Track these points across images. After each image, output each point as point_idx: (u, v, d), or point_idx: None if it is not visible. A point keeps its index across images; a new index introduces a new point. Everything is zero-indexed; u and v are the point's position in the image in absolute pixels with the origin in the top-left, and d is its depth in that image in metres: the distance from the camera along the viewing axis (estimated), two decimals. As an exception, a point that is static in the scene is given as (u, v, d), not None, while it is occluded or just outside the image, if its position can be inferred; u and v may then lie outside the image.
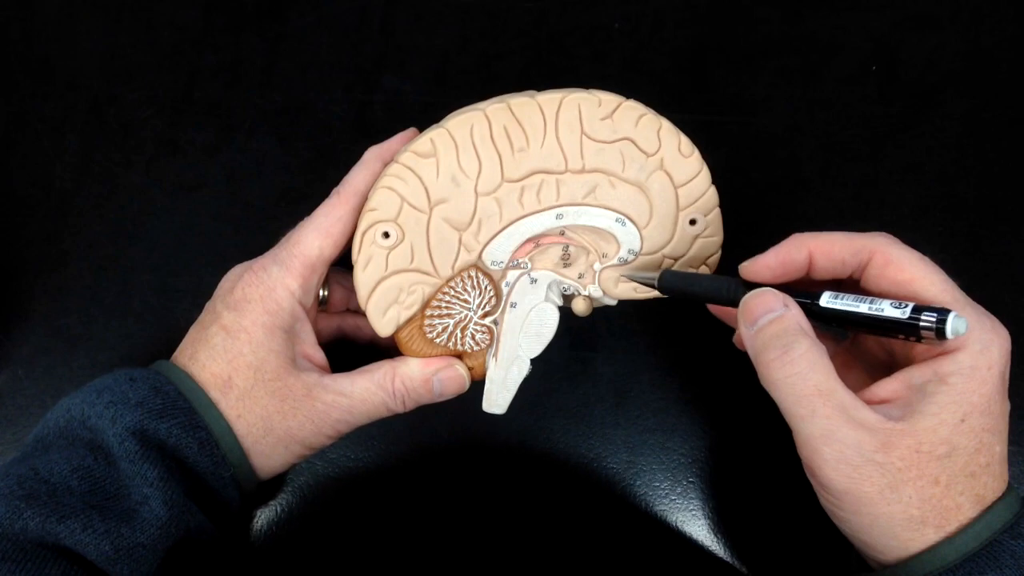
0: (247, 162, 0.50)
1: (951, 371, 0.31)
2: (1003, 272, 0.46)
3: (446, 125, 0.38)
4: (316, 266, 0.38)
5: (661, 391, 0.45)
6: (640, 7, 0.51)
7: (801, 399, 0.31)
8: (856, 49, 0.50)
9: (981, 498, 0.31)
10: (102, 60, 0.52)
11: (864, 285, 0.34)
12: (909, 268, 0.32)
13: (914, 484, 0.30)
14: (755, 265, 0.35)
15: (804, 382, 0.31)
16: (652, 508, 0.44)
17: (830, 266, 0.34)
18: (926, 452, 0.30)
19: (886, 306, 0.31)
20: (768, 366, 0.32)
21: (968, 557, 0.30)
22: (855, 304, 0.32)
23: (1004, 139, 0.48)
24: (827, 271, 0.34)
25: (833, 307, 0.33)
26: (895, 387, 0.32)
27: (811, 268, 0.35)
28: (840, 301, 0.33)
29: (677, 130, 0.38)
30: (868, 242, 0.33)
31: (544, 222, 0.38)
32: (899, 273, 0.32)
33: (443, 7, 0.52)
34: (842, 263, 0.34)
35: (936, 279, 0.32)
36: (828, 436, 0.30)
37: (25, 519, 0.32)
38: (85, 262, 0.48)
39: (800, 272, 0.35)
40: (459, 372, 0.39)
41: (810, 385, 0.31)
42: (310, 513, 0.44)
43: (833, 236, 0.34)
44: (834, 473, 0.30)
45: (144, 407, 0.35)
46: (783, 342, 0.31)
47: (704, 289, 0.37)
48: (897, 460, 0.30)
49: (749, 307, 0.33)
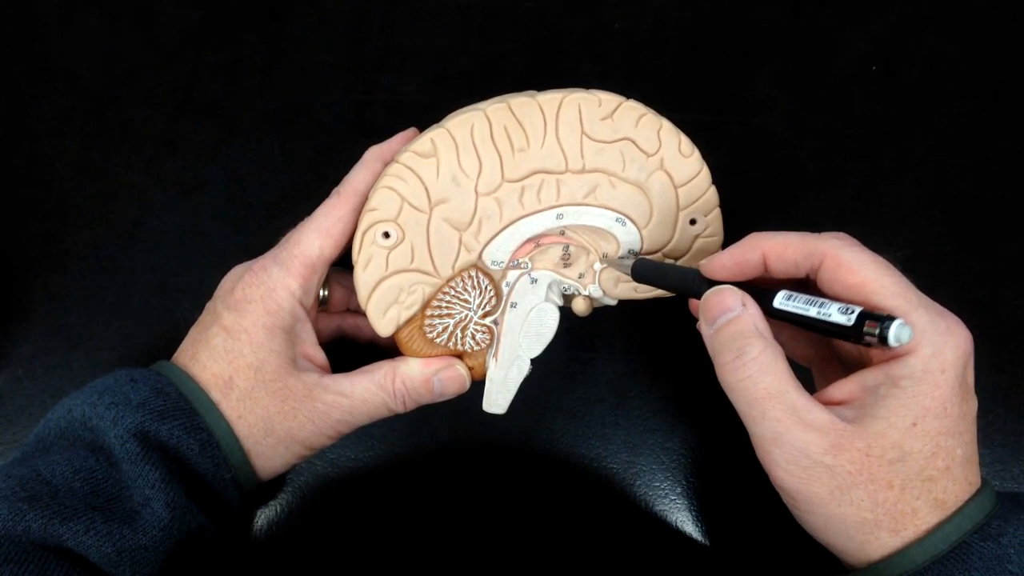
0: (247, 162, 0.50)
1: (902, 374, 0.30)
2: (1003, 272, 0.46)
3: (446, 125, 0.38)
4: (316, 266, 0.38)
5: (661, 391, 0.45)
6: (640, 7, 0.51)
7: (752, 402, 0.31)
8: (856, 49, 0.50)
9: (941, 502, 0.31)
10: (102, 60, 0.52)
11: (819, 287, 0.33)
12: (860, 271, 0.31)
13: (865, 487, 0.30)
14: (712, 264, 0.35)
15: (755, 385, 0.31)
16: (652, 508, 0.44)
17: (783, 267, 0.34)
18: (876, 456, 0.30)
19: (833, 311, 0.31)
20: (723, 369, 0.32)
21: (936, 559, 0.30)
22: (805, 307, 0.32)
23: (1004, 139, 0.48)
24: (781, 272, 0.34)
25: (784, 308, 0.32)
26: (851, 388, 0.32)
27: (766, 269, 0.34)
28: (792, 302, 0.32)
29: (677, 130, 0.38)
30: (820, 244, 0.32)
31: (544, 222, 0.38)
32: (850, 276, 0.32)
33: (443, 7, 0.52)
34: (795, 265, 0.33)
35: (887, 282, 0.31)
36: (778, 438, 0.31)
37: (27, 521, 0.32)
38: (85, 262, 0.48)
39: (756, 272, 0.34)
40: (459, 372, 0.39)
41: (761, 388, 0.31)
42: (310, 513, 0.44)
43: (788, 237, 0.33)
44: (784, 474, 0.31)
45: (145, 408, 0.35)
46: (737, 345, 0.32)
47: (670, 280, 0.37)
48: (847, 463, 0.30)
49: (708, 305, 0.33)
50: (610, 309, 0.41)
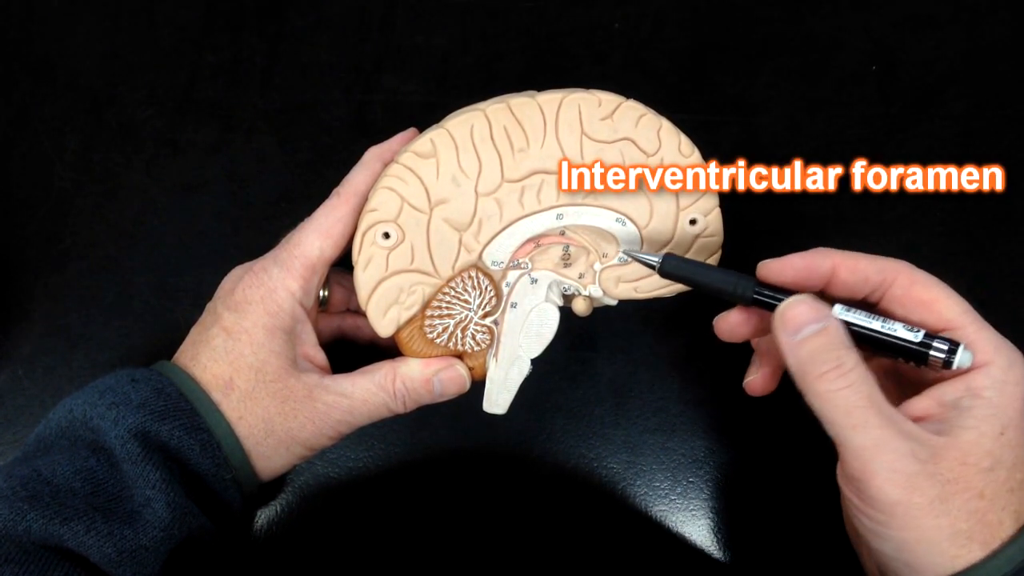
0: (247, 162, 0.50)
1: (985, 385, 0.31)
2: (1003, 272, 0.46)
3: (446, 125, 0.38)
4: (317, 267, 0.38)
5: (661, 391, 0.45)
6: (640, 7, 0.51)
7: (852, 411, 0.31)
8: (856, 49, 0.50)
9: (1019, 514, 0.31)
10: (102, 60, 0.52)
11: (884, 305, 0.34)
12: (934, 289, 0.33)
13: (962, 496, 0.30)
14: (779, 264, 0.35)
15: (856, 394, 0.31)
16: (652, 508, 0.44)
17: (852, 280, 0.34)
18: (972, 464, 0.30)
19: (899, 327, 0.33)
20: (819, 379, 0.32)
21: None
22: (868, 320, 0.33)
23: (1004, 139, 0.48)
24: (847, 286, 0.35)
25: (846, 319, 0.33)
26: (926, 405, 0.32)
27: (831, 282, 0.35)
28: (853, 314, 0.33)
29: (677, 130, 0.38)
30: (893, 263, 0.34)
31: (544, 222, 0.39)
32: (925, 293, 0.33)
33: (443, 7, 0.52)
34: (865, 279, 0.34)
35: (957, 302, 0.33)
36: (881, 446, 0.30)
37: (28, 521, 0.32)
38: (85, 262, 0.48)
39: (821, 282, 0.35)
40: (459, 372, 0.39)
41: (863, 397, 0.31)
42: (310, 513, 0.44)
43: (857, 254, 0.35)
44: (887, 483, 0.30)
45: (146, 408, 0.35)
46: (835, 355, 0.32)
47: (710, 281, 0.36)
48: (946, 471, 0.30)
49: (791, 315, 0.33)
50: (610, 309, 0.41)
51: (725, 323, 0.37)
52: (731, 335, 0.37)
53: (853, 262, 0.34)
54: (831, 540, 0.38)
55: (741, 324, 0.37)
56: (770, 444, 0.44)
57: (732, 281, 0.35)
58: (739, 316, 0.37)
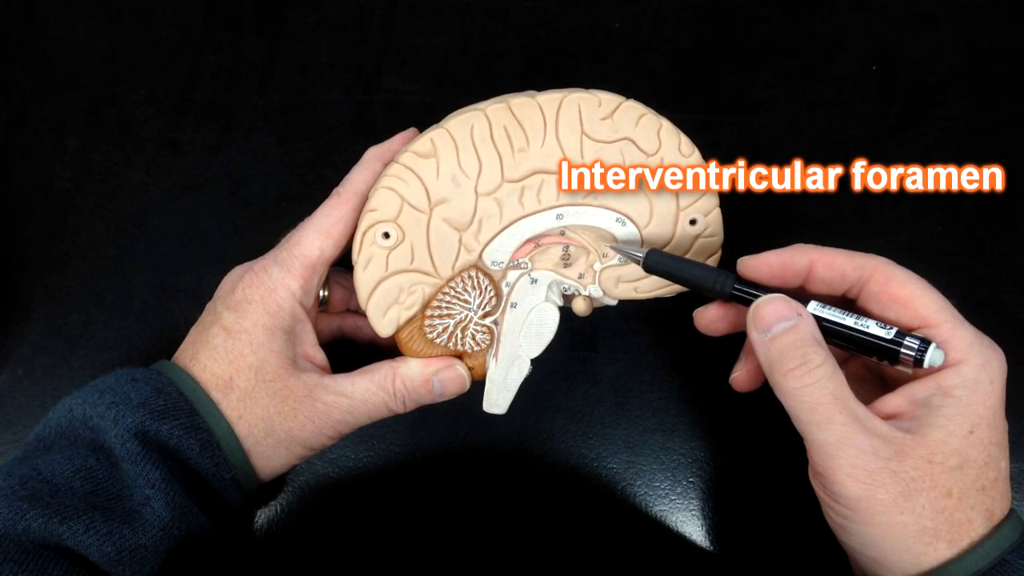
0: (247, 162, 0.50)
1: (956, 384, 0.31)
2: (1003, 272, 0.46)
3: (446, 125, 0.38)
4: (317, 267, 0.38)
5: (661, 391, 0.45)
6: (640, 7, 0.51)
7: (817, 407, 0.31)
8: (856, 49, 0.50)
9: (991, 514, 0.31)
10: (102, 60, 0.52)
11: (861, 303, 0.34)
12: (910, 286, 0.33)
13: (927, 494, 0.30)
14: (756, 261, 0.35)
15: (822, 391, 0.31)
16: (652, 508, 0.44)
17: (829, 277, 0.34)
18: (938, 463, 0.30)
19: (872, 324, 0.32)
20: (786, 375, 0.32)
21: (978, 573, 0.30)
22: (841, 316, 0.33)
23: (1004, 139, 0.48)
24: (824, 283, 0.35)
25: (819, 315, 0.33)
26: (898, 402, 0.32)
27: (809, 278, 0.35)
28: (827, 311, 0.34)
29: (677, 130, 0.38)
30: (870, 259, 0.34)
31: (544, 222, 0.39)
32: (901, 290, 0.33)
33: (443, 7, 0.52)
34: (842, 276, 0.34)
35: (935, 298, 0.33)
36: (844, 442, 0.30)
37: (28, 520, 0.32)
38: (85, 262, 0.48)
39: (797, 279, 0.35)
40: (459, 372, 0.39)
41: (827, 394, 0.31)
42: (310, 513, 0.44)
43: (835, 250, 0.35)
44: (849, 479, 0.30)
45: (146, 408, 0.35)
46: (802, 352, 0.32)
47: (690, 275, 0.37)
48: (911, 469, 0.30)
49: (762, 312, 0.33)
50: (610, 309, 0.41)
51: (703, 317, 0.38)
52: (709, 329, 0.38)
53: (830, 258, 0.34)
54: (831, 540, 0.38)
55: (719, 319, 0.37)
56: (770, 444, 0.44)
57: (712, 277, 0.36)
58: (718, 311, 0.37)
